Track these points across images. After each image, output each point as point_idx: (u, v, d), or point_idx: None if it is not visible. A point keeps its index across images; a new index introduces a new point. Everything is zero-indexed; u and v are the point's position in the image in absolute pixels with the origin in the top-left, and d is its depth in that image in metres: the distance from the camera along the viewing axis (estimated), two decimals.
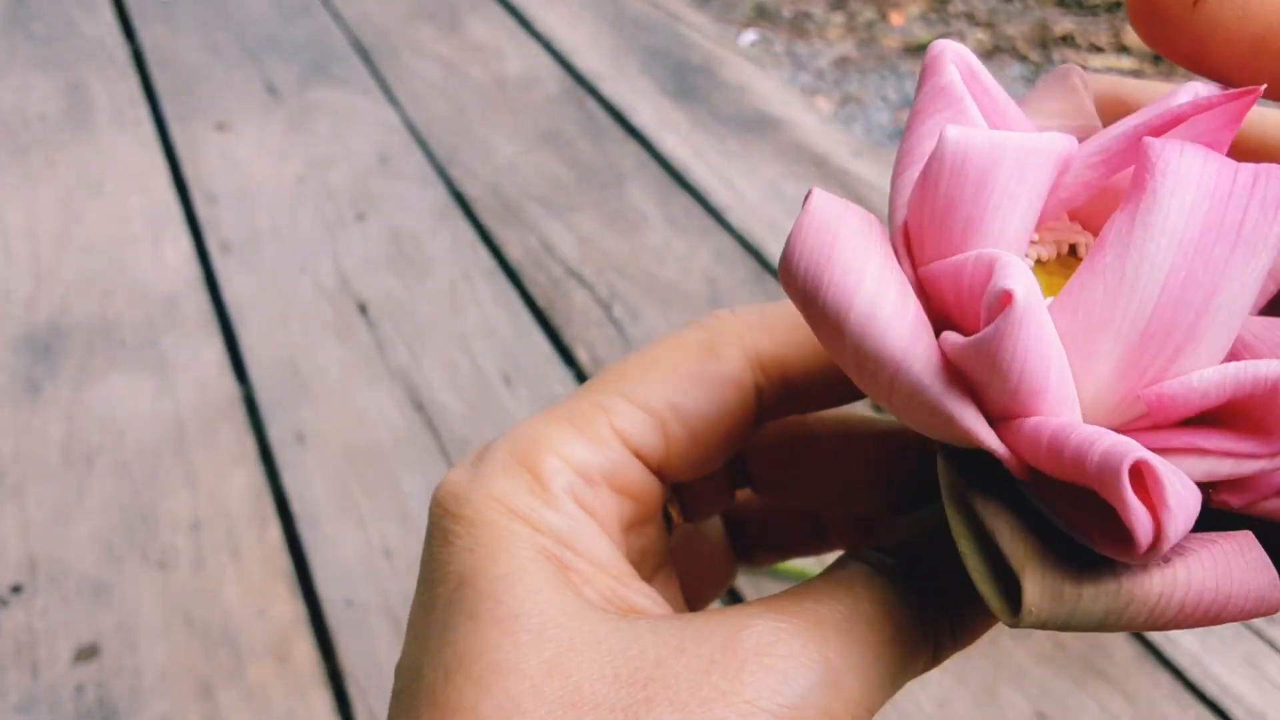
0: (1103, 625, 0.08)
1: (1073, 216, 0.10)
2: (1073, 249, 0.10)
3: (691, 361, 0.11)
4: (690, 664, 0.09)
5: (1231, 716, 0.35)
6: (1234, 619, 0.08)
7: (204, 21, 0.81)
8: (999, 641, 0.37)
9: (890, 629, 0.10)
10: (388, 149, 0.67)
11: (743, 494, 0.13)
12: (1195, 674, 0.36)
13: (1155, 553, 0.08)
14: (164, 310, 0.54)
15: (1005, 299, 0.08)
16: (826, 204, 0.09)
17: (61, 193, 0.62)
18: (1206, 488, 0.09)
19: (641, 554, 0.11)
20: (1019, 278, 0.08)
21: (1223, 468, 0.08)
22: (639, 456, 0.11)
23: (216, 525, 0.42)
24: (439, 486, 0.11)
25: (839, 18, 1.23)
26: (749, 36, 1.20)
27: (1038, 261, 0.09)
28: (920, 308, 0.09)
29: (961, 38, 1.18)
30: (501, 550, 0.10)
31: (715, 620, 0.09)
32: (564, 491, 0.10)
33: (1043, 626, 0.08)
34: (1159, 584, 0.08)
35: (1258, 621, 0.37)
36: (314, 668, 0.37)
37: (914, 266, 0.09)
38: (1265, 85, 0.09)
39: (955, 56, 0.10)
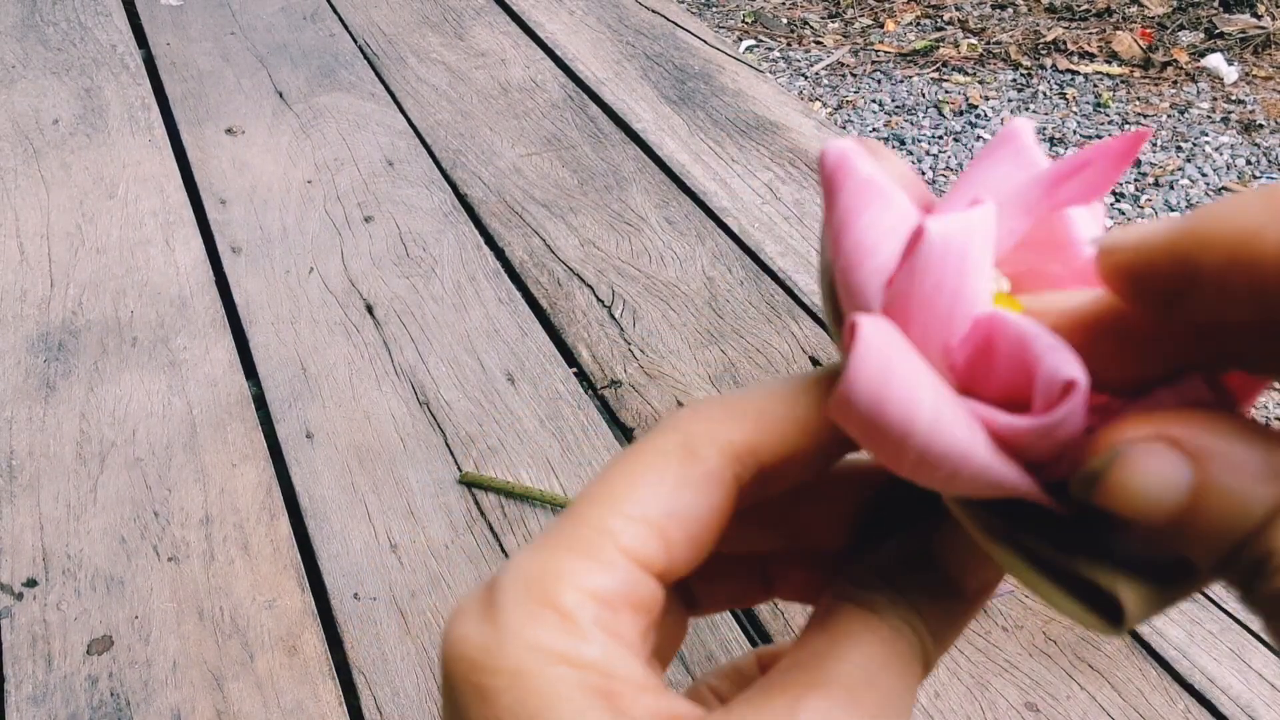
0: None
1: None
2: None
3: (675, 468, 0.11)
4: None
5: (1218, 707, 0.35)
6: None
7: (214, 29, 0.83)
8: (990, 635, 0.38)
9: (902, 664, 0.10)
10: (394, 153, 0.68)
11: None
12: (1183, 666, 0.37)
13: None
14: (176, 310, 0.55)
15: (1070, 387, 0.09)
16: (877, 333, 0.10)
17: (75, 196, 0.64)
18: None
19: (655, 654, 0.11)
20: (1073, 364, 0.09)
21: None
22: (646, 569, 0.11)
23: (227, 520, 0.43)
24: (453, 642, 0.10)
25: (835, 25, 1.24)
26: (746, 43, 1.21)
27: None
28: (963, 403, 0.10)
29: (955, 45, 1.19)
30: (555, 696, 0.10)
31: (765, 709, 0.10)
32: (593, 623, 0.10)
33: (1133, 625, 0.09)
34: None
35: (1244, 615, 0.38)
36: (322, 659, 0.38)
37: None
38: (1151, 130, 0.10)
39: (857, 152, 0.11)
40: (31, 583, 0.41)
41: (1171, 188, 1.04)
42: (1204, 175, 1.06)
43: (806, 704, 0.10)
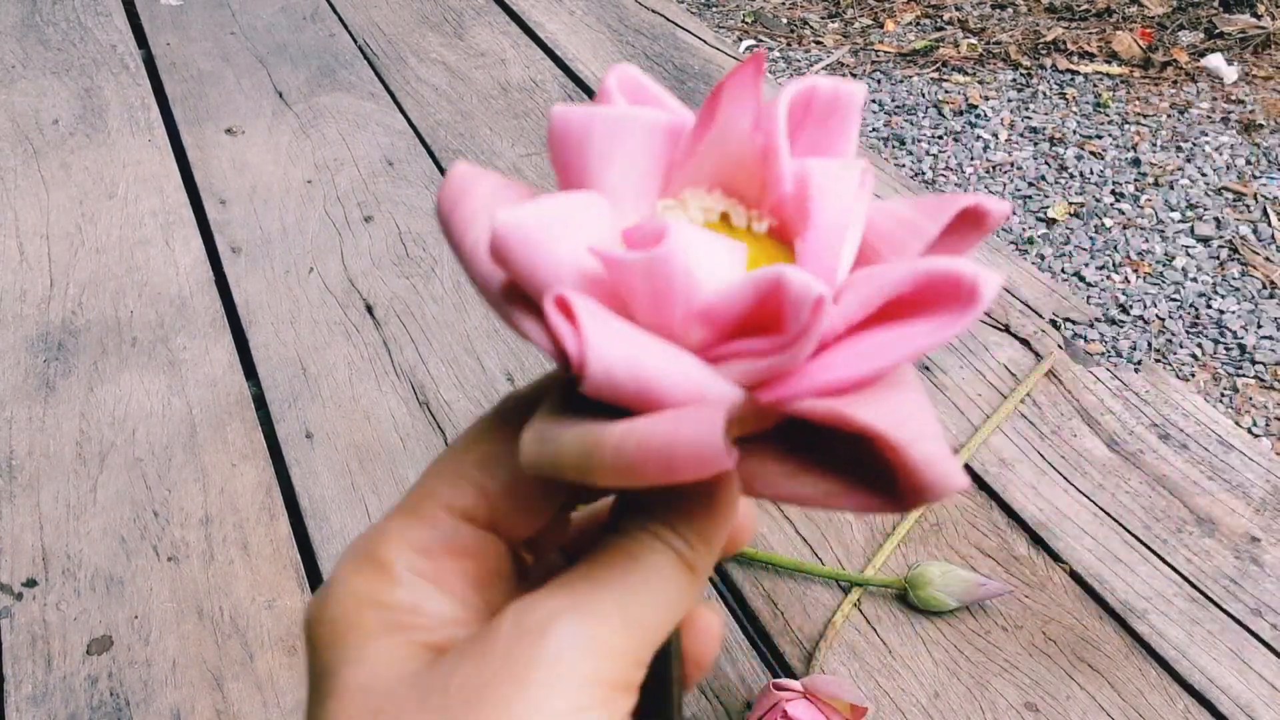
0: (581, 466, 0.10)
1: (731, 191, 0.12)
2: (725, 217, 0.12)
3: (493, 432, 0.13)
4: (466, 663, 0.11)
5: (1218, 708, 0.35)
6: (685, 470, 0.10)
7: (214, 29, 0.83)
8: (990, 635, 0.38)
9: (657, 573, 0.12)
10: (394, 153, 0.68)
11: None
12: (1182, 666, 0.37)
13: (585, 371, 0.09)
14: (175, 310, 0.55)
15: (660, 235, 0.10)
16: (464, 170, 0.11)
17: (75, 196, 0.64)
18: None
19: (504, 601, 0.12)
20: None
21: (757, 367, 0.10)
22: (470, 522, 0.12)
23: (226, 520, 0.43)
24: (308, 605, 0.12)
25: (834, 25, 1.24)
26: (746, 43, 1.21)
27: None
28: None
29: (955, 44, 1.19)
30: (353, 636, 0.12)
31: (495, 623, 0.11)
32: (406, 570, 0.12)
33: (538, 470, 0.10)
34: (620, 430, 0.10)
35: (1244, 615, 0.38)
36: None
37: None
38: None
39: (622, 78, 0.12)
40: (31, 583, 0.41)
41: (1171, 188, 1.04)
42: (1204, 175, 1.06)
43: (527, 614, 0.11)
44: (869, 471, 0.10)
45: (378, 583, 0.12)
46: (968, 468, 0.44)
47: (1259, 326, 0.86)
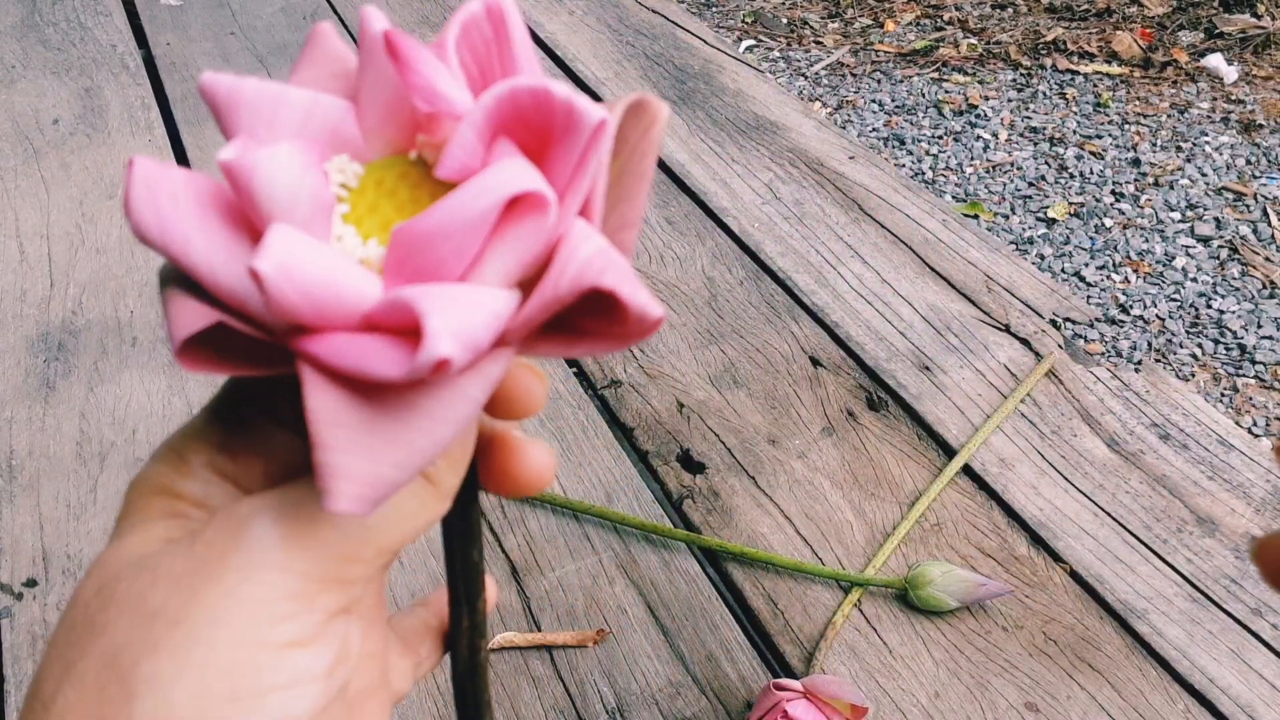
0: None
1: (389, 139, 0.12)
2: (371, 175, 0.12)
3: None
4: (180, 546, 0.11)
5: (1218, 707, 0.35)
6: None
7: (215, 29, 0.83)
8: (990, 635, 0.38)
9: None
10: None
11: None
12: (1183, 666, 0.37)
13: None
14: None
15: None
16: (147, 165, 0.11)
17: (75, 196, 0.64)
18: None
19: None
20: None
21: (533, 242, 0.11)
22: (268, 418, 0.13)
23: None
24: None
25: (835, 25, 1.24)
26: (747, 43, 1.21)
27: (343, 186, 0.12)
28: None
29: (955, 45, 1.18)
30: (134, 517, 0.12)
31: (211, 516, 0.12)
32: (200, 465, 0.13)
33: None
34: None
35: (1244, 615, 0.38)
36: None
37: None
38: None
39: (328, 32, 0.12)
40: (31, 583, 0.41)
41: (1171, 188, 1.04)
42: (1204, 175, 1.06)
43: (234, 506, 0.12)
44: (599, 319, 0.11)
45: (173, 473, 0.13)
46: (967, 469, 0.44)
47: (1259, 326, 0.87)
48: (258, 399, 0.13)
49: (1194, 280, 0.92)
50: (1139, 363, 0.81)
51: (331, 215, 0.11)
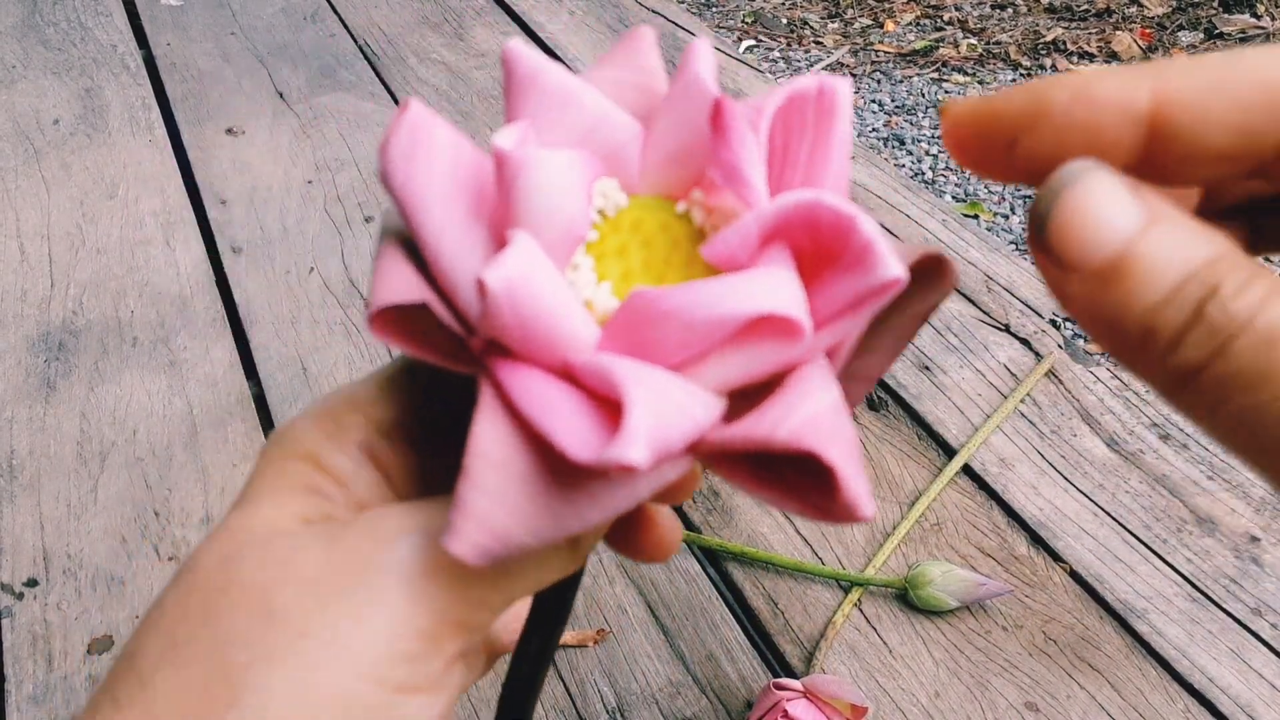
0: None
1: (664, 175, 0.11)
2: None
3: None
4: (318, 544, 0.11)
5: (1218, 706, 0.35)
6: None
7: (215, 29, 0.83)
8: (990, 635, 0.38)
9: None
10: None
11: None
12: (1182, 665, 0.37)
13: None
14: (176, 310, 0.55)
15: (480, 288, 0.09)
16: (417, 117, 0.10)
17: (76, 196, 0.64)
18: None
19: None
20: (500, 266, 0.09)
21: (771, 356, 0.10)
22: (445, 422, 0.12)
23: None
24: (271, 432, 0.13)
25: (834, 25, 1.24)
26: (746, 43, 1.21)
27: (600, 212, 0.11)
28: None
29: (954, 45, 1.19)
30: (269, 481, 0.12)
31: (355, 520, 0.11)
32: (356, 443, 0.12)
33: None
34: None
35: (1244, 615, 0.38)
36: None
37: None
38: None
39: (521, 53, 0.11)
40: (32, 582, 0.41)
41: None
42: None
43: (375, 507, 0.11)
44: (802, 476, 0.10)
45: (326, 441, 0.12)
46: (967, 468, 0.44)
47: None
48: (437, 390, 0.12)
49: None
50: None
51: (579, 244, 0.10)
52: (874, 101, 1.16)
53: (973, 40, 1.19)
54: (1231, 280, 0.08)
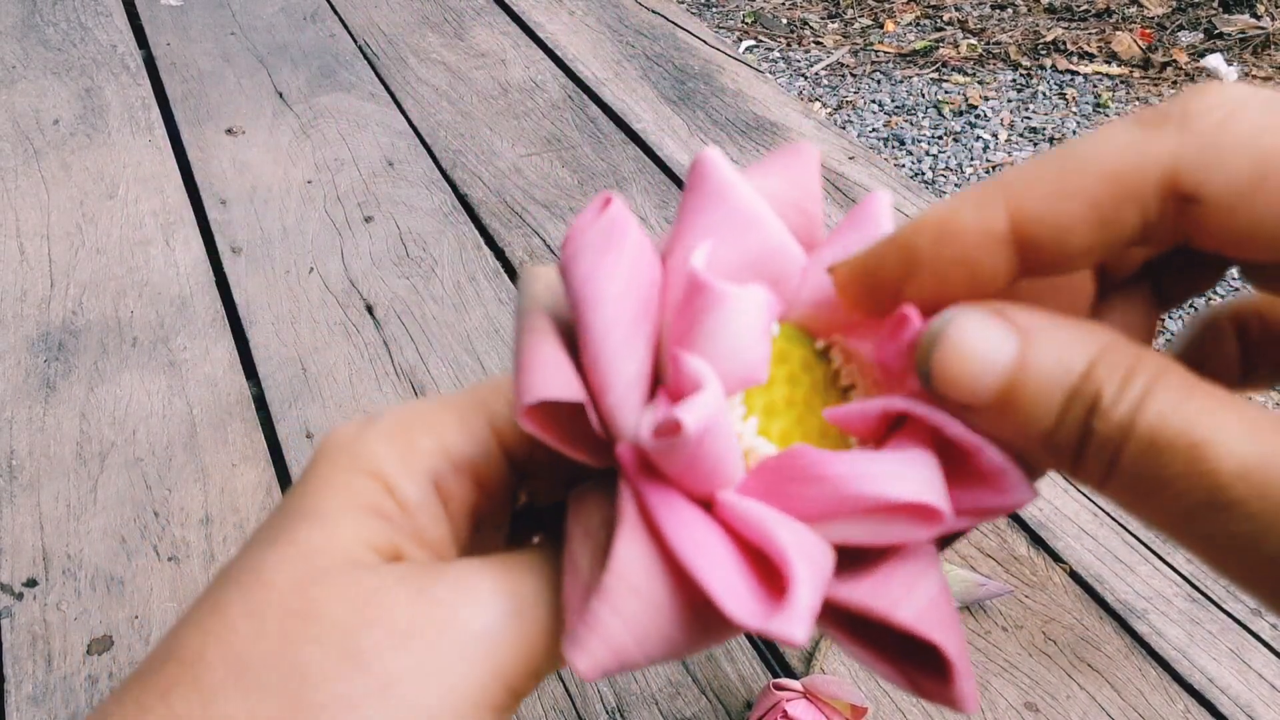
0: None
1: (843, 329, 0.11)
2: (825, 351, 0.12)
3: None
4: (405, 591, 0.10)
5: (1217, 707, 0.35)
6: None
7: (215, 29, 0.83)
8: (990, 635, 0.38)
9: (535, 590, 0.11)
10: (394, 153, 0.68)
11: None
12: (1182, 666, 0.37)
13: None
14: (176, 310, 0.55)
15: (674, 427, 0.09)
16: (624, 212, 0.10)
17: (76, 196, 0.64)
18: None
19: (485, 551, 0.12)
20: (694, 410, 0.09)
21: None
22: (506, 453, 0.12)
23: (227, 520, 0.43)
24: (332, 430, 0.12)
25: (834, 25, 1.24)
26: (746, 44, 1.21)
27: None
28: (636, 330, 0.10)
29: (954, 45, 1.18)
30: (335, 496, 0.11)
31: (439, 573, 0.11)
32: (426, 470, 0.11)
33: None
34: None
35: (1243, 615, 0.38)
36: None
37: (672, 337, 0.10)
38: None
39: (718, 161, 0.11)
40: (32, 582, 0.41)
41: None
42: None
43: (462, 561, 0.11)
44: (904, 647, 0.10)
45: (397, 463, 0.11)
46: None
47: None
48: (516, 448, 0.12)
49: None
50: None
51: (751, 385, 0.10)
52: (874, 102, 1.16)
53: (973, 40, 1.20)
54: (1110, 385, 0.09)
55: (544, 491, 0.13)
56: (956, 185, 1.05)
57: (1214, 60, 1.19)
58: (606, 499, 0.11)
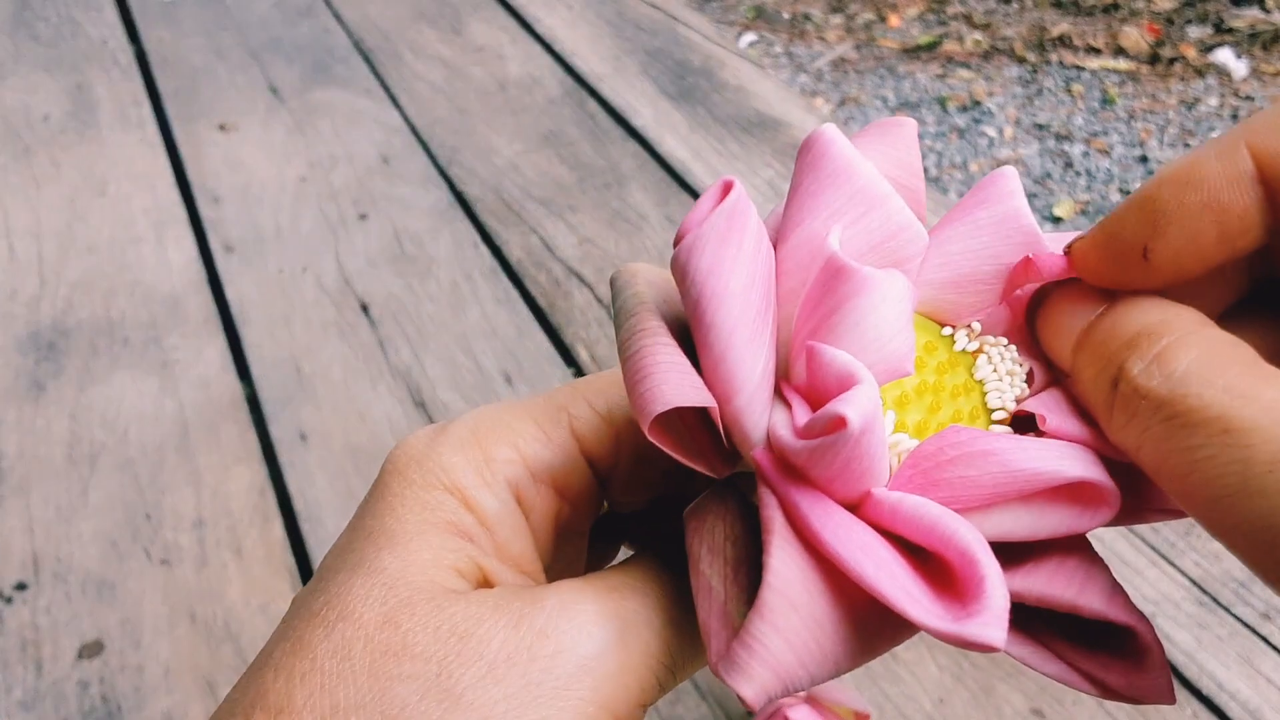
0: None
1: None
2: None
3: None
4: (502, 620, 0.10)
5: (1226, 712, 0.35)
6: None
7: (207, 23, 0.82)
8: None
9: (674, 604, 0.11)
10: (390, 150, 0.67)
11: None
12: (1191, 671, 0.36)
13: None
14: (168, 310, 0.54)
15: (839, 423, 0.09)
16: (744, 201, 0.09)
17: (66, 193, 0.63)
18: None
19: (569, 562, 0.12)
20: (857, 402, 0.09)
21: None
22: (588, 459, 0.11)
23: (219, 523, 0.43)
24: (400, 443, 0.11)
25: (837, 20, 1.23)
26: (748, 38, 1.20)
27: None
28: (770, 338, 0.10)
29: (959, 40, 1.17)
30: (412, 515, 0.10)
31: (543, 602, 0.10)
32: (506, 481, 0.11)
33: None
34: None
35: (1253, 619, 0.38)
36: None
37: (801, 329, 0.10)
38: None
39: (835, 138, 0.10)
40: (21, 586, 0.40)
41: None
42: None
43: (564, 583, 0.10)
44: (1075, 645, 0.09)
45: (473, 475, 0.11)
46: None
47: None
48: (599, 455, 0.11)
49: None
50: None
51: (899, 378, 0.09)
52: (878, 97, 1.15)
53: (978, 35, 1.18)
54: (1144, 353, 0.09)
55: (624, 499, 0.13)
56: (961, 182, 1.04)
57: (1223, 55, 1.18)
58: (729, 511, 0.10)
